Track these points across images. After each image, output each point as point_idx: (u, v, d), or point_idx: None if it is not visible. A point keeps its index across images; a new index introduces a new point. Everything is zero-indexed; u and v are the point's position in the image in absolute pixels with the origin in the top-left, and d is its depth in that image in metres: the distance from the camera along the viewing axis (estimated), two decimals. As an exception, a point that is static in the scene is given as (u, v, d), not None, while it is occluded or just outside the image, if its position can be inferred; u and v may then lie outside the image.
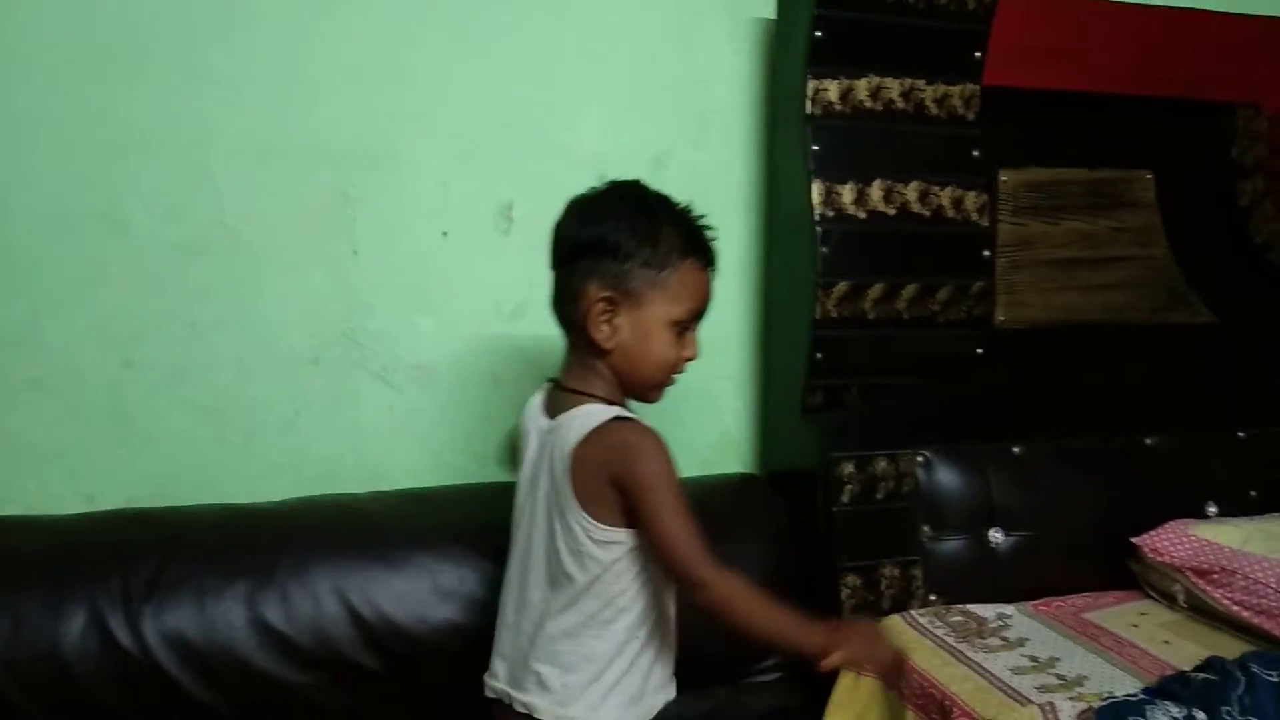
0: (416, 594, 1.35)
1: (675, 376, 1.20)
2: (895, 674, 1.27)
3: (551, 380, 1.23)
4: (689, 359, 1.19)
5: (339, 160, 1.52)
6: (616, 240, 1.13)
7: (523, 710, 1.15)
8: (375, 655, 1.34)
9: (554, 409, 1.17)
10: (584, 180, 1.61)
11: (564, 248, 1.19)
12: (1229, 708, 1.08)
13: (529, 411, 1.23)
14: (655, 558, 1.12)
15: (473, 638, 1.34)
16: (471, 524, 1.42)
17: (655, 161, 1.66)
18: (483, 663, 1.35)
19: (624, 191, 1.21)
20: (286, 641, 1.31)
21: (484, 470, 1.62)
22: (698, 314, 1.18)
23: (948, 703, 1.26)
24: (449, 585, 1.37)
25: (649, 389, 1.20)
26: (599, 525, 1.10)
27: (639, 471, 1.08)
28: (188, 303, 1.50)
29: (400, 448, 1.60)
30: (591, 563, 1.11)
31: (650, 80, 1.65)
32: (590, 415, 1.12)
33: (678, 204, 1.20)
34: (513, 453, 1.27)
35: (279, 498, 1.48)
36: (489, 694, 1.21)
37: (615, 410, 1.13)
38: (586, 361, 1.17)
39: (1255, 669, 1.15)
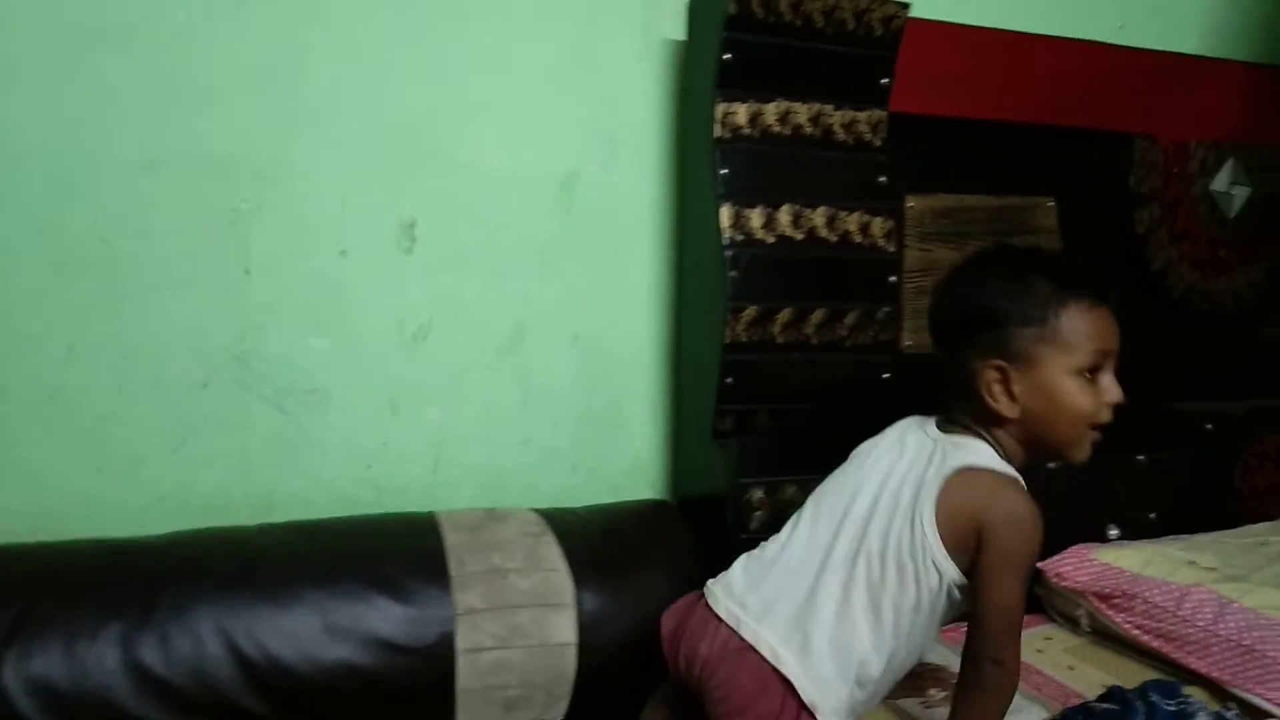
0: (306, 632, 1.28)
1: (1099, 426, 1.15)
2: None
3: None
4: (1110, 404, 1.14)
5: (229, 174, 1.45)
6: (989, 307, 1.12)
7: (746, 636, 1.11)
8: (261, 698, 1.25)
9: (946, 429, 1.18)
10: (489, 198, 1.59)
11: (944, 330, 1.20)
12: (1129, 736, 1.09)
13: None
14: (971, 616, 1.10)
15: (367, 678, 1.28)
16: (367, 557, 1.35)
17: (564, 181, 1.62)
18: (379, 705, 1.29)
19: (986, 256, 1.21)
20: (164, 685, 1.22)
21: (381, 500, 1.55)
22: (1104, 354, 1.13)
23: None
24: (342, 623, 1.29)
25: (1070, 447, 1.15)
26: (941, 548, 1.08)
27: (1006, 542, 1.07)
28: (65, 323, 1.40)
29: (293, 476, 1.52)
30: (910, 571, 1.09)
31: (557, 98, 1.62)
32: (992, 457, 1.12)
33: (1048, 252, 1.18)
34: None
35: (163, 530, 1.40)
36: (709, 598, 1.18)
37: (1012, 470, 1.12)
38: (987, 428, 1.15)
39: (1155, 698, 1.16)
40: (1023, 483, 1.12)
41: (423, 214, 1.55)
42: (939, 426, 1.19)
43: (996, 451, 1.13)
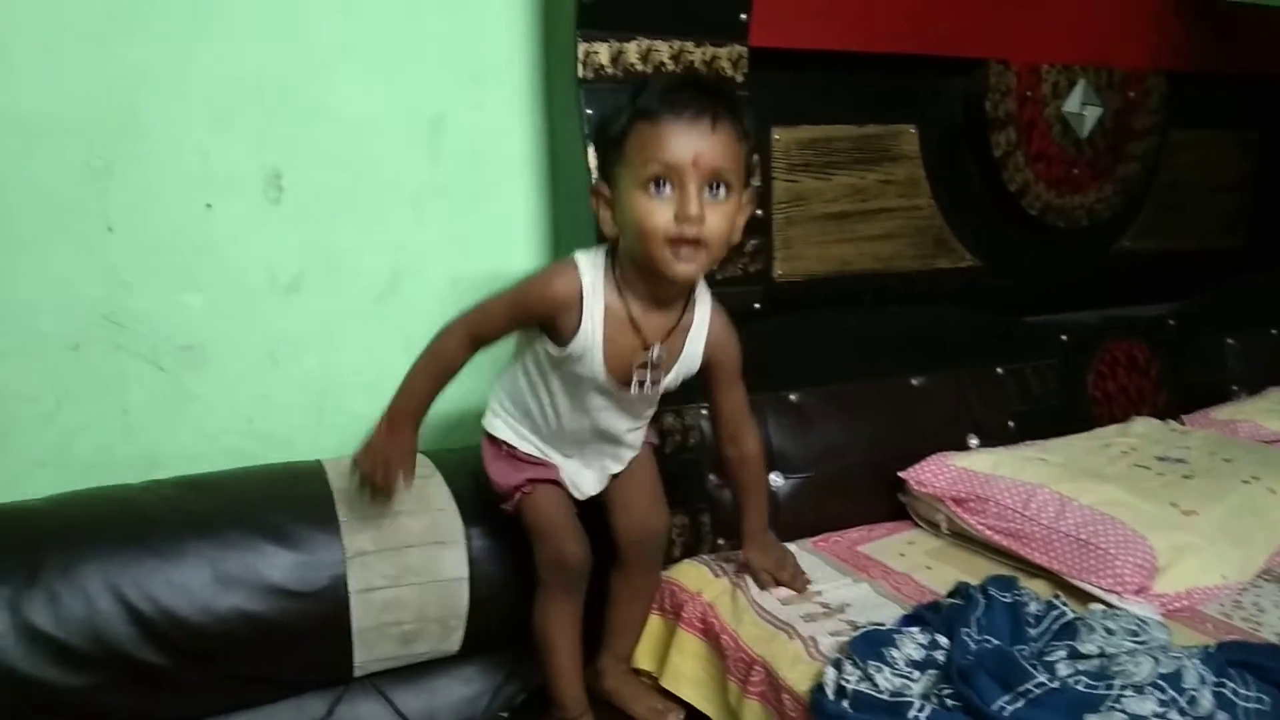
0: (197, 584, 1.30)
1: (677, 240, 1.12)
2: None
3: None
4: (682, 218, 1.10)
5: (81, 129, 1.41)
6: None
7: None
8: (158, 650, 1.28)
9: None
10: (355, 144, 1.58)
11: None
12: (968, 629, 1.17)
13: None
14: None
15: (263, 623, 1.31)
16: (254, 508, 1.38)
17: (432, 124, 1.62)
18: (279, 647, 1.33)
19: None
20: (57, 644, 1.23)
21: (267, 451, 1.57)
22: (667, 166, 1.09)
23: (725, 637, 1.34)
24: (233, 572, 1.32)
25: (657, 263, 1.14)
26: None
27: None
28: (-77, 290, 1.37)
29: (174, 433, 1.53)
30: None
31: (418, 38, 1.60)
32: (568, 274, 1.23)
33: (675, 72, 1.33)
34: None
35: (43, 494, 1.39)
36: None
37: (578, 265, 1.23)
38: (608, 245, 1.25)
39: (993, 592, 1.26)
40: (578, 267, 1.22)
41: (288, 164, 1.54)
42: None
43: (604, 266, 1.23)
